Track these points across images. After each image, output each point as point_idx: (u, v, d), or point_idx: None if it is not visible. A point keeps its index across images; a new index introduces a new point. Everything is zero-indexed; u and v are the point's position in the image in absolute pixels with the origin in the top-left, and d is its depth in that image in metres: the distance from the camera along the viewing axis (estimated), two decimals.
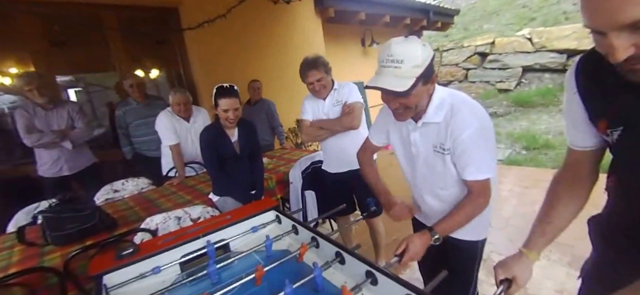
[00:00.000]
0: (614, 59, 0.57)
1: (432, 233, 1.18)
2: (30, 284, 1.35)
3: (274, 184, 2.53)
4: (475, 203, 1.18)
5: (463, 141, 1.13)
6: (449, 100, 1.17)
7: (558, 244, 2.52)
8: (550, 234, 0.93)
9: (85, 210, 1.69)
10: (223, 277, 1.14)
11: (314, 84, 2.08)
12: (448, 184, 1.27)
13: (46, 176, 2.80)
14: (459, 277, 1.37)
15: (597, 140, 0.84)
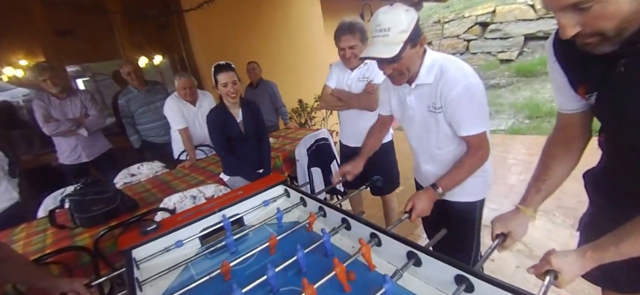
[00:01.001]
0: (564, 35, 0.63)
1: (435, 188, 1.26)
2: (66, 263, 1.45)
3: (281, 163, 2.60)
4: (475, 156, 1.25)
5: (453, 99, 1.19)
6: (439, 62, 1.23)
7: (561, 207, 2.63)
8: (545, 192, 0.99)
9: (107, 193, 1.78)
10: (240, 248, 1.23)
11: (345, 50, 1.91)
12: (442, 143, 1.33)
13: (66, 163, 2.91)
14: (461, 239, 1.46)
15: (582, 103, 0.89)
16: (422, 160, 1.46)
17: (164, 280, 1.08)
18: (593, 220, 1.07)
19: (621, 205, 0.89)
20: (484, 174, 1.40)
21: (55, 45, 3.53)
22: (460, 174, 1.26)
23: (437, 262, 0.88)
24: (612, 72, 0.71)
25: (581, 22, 0.61)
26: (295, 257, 0.97)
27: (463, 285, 0.82)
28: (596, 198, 1.05)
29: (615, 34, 0.61)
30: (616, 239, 0.75)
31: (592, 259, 0.77)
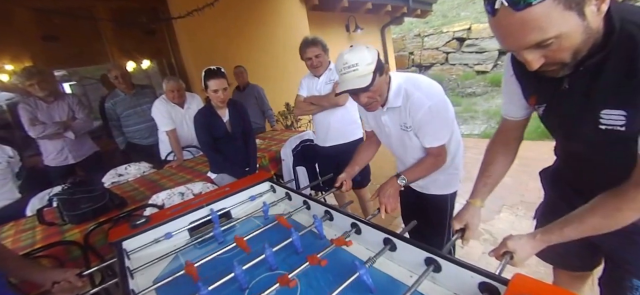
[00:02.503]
0: (531, 68, 0.70)
1: (398, 176, 1.36)
2: (57, 257, 1.44)
3: (268, 162, 2.63)
4: (434, 160, 1.37)
5: (419, 120, 1.30)
6: (404, 87, 1.32)
7: (524, 202, 2.79)
8: (490, 185, 1.09)
9: (96, 192, 1.77)
10: (227, 239, 1.26)
11: (312, 59, 2.18)
12: (416, 154, 1.44)
13: (52, 165, 2.84)
14: (434, 226, 1.57)
15: (527, 112, 1.02)
16: (403, 163, 1.55)
17: (154, 269, 1.10)
18: (547, 210, 1.18)
19: (569, 199, 1.00)
20: (455, 171, 1.52)
21: (43, 51, 3.45)
22: (420, 170, 1.39)
23: (410, 247, 0.94)
24: (558, 89, 0.80)
25: (544, 55, 0.68)
26: (290, 239, 1.02)
27: (432, 266, 0.89)
28: (550, 192, 1.18)
29: (571, 60, 0.69)
30: (561, 225, 0.85)
31: (541, 240, 0.87)
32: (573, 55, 0.68)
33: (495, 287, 0.77)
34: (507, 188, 3.03)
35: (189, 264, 0.99)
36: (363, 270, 0.86)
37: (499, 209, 2.75)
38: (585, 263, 1.17)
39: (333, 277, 0.96)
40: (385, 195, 1.30)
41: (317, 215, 1.15)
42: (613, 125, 0.71)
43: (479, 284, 0.80)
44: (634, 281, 0.92)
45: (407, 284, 0.88)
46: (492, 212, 2.70)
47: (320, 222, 1.13)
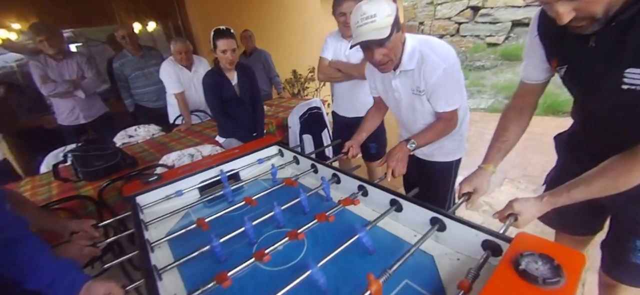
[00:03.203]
0: (560, 22, 0.68)
1: (408, 141, 1.33)
2: (73, 210, 1.50)
3: (274, 128, 2.64)
4: (445, 125, 1.34)
5: (433, 83, 1.26)
6: (419, 48, 1.27)
7: (526, 175, 2.79)
8: (504, 151, 1.08)
9: (108, 150, 1.80)
10: (236, 199, 1.29)
11: (346, 16, 1.79)
12: (427, 119, 1.41)
13: (65, 125, 2.89)
14: (436, 194, 1.57)
15: (547, 76, 1.00)
16: (411, 130, 1.51)
17: (166, 223, 1.14)
18: (558, 175, 1.18)
19: (584, 163, 0.99)
20: (460, 138, 1.51)
21: (50, 10, 3.39)
22: (431, 135, 1.36)
23: (416, 207, 0.96)
24: (583, 47, 0.78)
25: (575, 8, 0.66)
26: (298, 198, 1.04)
27: (436, 225, 0.91)
28: (564, 156, 1.17)
29: (603, 15, 0.66)
30: (569, 187, 0.85)
31: (548, 203, 0.88)
32: (606, 9, 0.65)
33: (498, 245, 0.79)
34: (510, 161, 3.01)
35: (200, 218, 1.02)
36: (362, 232, 0.88)
37: (501, 182, 2.75)
38: (588, 226, 1.18)
39: (339, 235, 0.98)
40: (394, 159, 1.29)
41: (325, 177, 1.17)
42: (636, 85, 0.70)
43: (483, 241, 0.82)
44: (638, 242, 0.94)
45: (411, 242, 0.91)
46: (494, 184, 2.70)
47: (327, 184, 1.14)
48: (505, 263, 0.67)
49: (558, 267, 0.64)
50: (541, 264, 0.65)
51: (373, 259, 0.89)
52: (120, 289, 0.79)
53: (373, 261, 0.88)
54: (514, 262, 0.66)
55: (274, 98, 3.81)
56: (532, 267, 0.65)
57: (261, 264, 0.89)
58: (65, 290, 0.78)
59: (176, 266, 0.88)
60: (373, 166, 2.38)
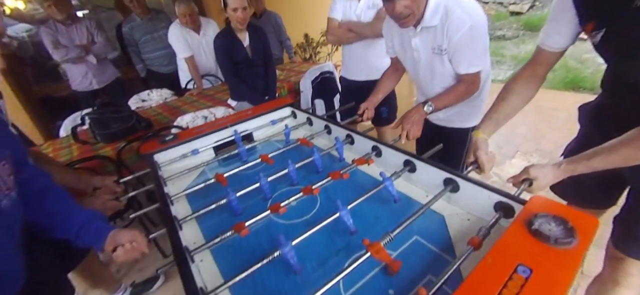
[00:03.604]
0: None
1: (426, 103, 1.30)
2: (93, 170, 1.56)
3: (286, 93, 2.63)
4: (467, 88, 1.29)
5: (457, 41, 1.19)
6: (443, 3, 1.19)
7: (539, 150, 2.75)
8: (495, 121, 1.04)
9: (123, 112, 1.85)
10: (250, 159, 1.32)
11: None
12: (446, 81, 1.35)
13: (79, 90, 2.94)
14: (449, 161, 1.54)
15: (569, 43, 0.94)
16: (428, 93, 1.47)
17: (183, 180, 1.18)
18: (578, 146, 1.15)
19: (607, 136, 0.95)
20: (480, 103, 1.46)
21: None
22: (450, 98, 1.31)
23: (430, 168, 0.97)
24: (625, 8, 0.73)
25: None
26: (311, 158, 1.05)
27: (450, 186, 0.92)
28: (586, 128, 1.12)
29: None
30: (589, 155, 0.83)
31: (565, 170, 0.86)
32: None
33: (510, 207, 0.80)
34: (523, 136, 2.93)
35: (219, 174, 1.06)
36: (389, 181, 0.90)
37: (513, 155, 2.69)
38: (604, 199, 1.16)
39: (352, 194, 1.00)
40: (410, 121, 1.27)
41: (339, 138, 1.18)
42: None
43: (495, 203, 0.83)
44: None
45: (422, 202, 0.92)
46: (505, 157, 2.65)
47: (341, 144, 1.15)
48: (518, 222, 0.68)
49: (572, 228, 0.64)
50: (554, 226, 0.66)
51: (388, 212, 0.91)
52: (143, 236, 0.84)
53: (388, 214, 0.90)
54: (527, 222, 0.67)
55: (286, 62, 3.75)
56: (545, 228, 0.65)
57: (276, 218, 0.93)
58: (92, 238, 0.84)
59: (195, 218, 0.93)
60: (384, 130, 2.34)
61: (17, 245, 0.76)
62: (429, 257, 0.76)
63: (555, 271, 0.57)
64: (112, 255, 0.83)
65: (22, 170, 0.81)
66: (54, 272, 1.02)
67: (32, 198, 0.83)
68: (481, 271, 0.58)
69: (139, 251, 0.83)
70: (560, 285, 0.54)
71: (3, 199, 0.69)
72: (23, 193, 0.78)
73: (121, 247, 0.82)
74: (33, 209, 0.82)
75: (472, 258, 0.66)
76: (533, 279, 0.55)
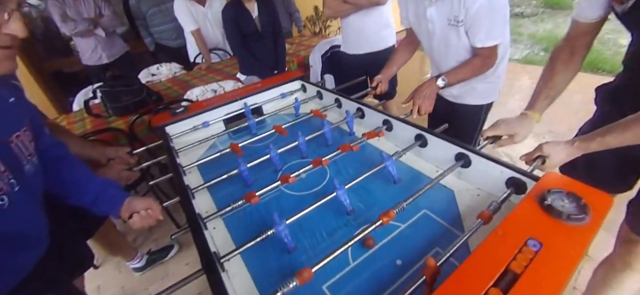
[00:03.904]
0: None
1: (438, 77, 1.26)
2: (107, 143, 1.60)
3: (296, 67, 2.60)
4: (481, 63, 1.24)
5: (475, 12, 1.14)
6: None
7: (552, 132, 2.69)
8: (551, 98, 1.02)
9: (134, 85, 1.86)
10: (259, 132, 1.33)
11: None
12: (461, 55, 1.31)
13: (90, 64, 2.98)
14: (462, 136, 1.51)
15: (603, 13, 0.89)
16: (441, 68, 1.44)
17: (195, 152, 1.20)
18: (593, 128, 1.11)
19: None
20: (497, 79, 1.41)
21: None
22: (464, 72, 1.27)
23: (442, 143, 0.96)
24: None
25: None
26: (322, 131, 1.06)
27: (461, 161, 0.91)
28: (604, 109, 1.08)
29: None
30: (604, 132, 0.80)
31: (579, 147, 0.84)
32: None
33: (523, 183, 0.79)
34: None
35: (233, 143, 1.07)
36: (389, 161, 0.90)
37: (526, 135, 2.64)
38: (619, 182, 1.13)
39: (361, 167, 1.01)
40: (421, 96, 1.25)
41: (350, 111, 1.17)
42: None
43: (507, 179, 0.82)
44: None
45: (432, 177, 0.92)
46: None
47: (351, 118, 1.15)
48: (530, 197, 0.68)
49: (585, 205, 0.63)
50: (568, 202, 0.65)
51: (393, 190, 0.91)
52: (157, 204, 0.87)
53: (392, 192, 0.91)
54: (539, 198, 0.67)
55: (295, 36, 3.69)
56: (558, 204, 0.65)
57: (286, 189, 0.95)
58: (108, 205, 0.87)
59: (206, 187, 0.95)
60: (388, 105, 2.31)
61: (42, 210, 0.79)
62: (437, 231, 0.77)
63: (566, 247, 0.57)
64: (128, 221, 0.86)
65: (40, 139, 0.83)
66: (74, 238, 1.07)
67: (49, 166, 0.85)
68: (491, 243, 0.58)
69: (154, 218, 0.86)
70: (569, 260, 0.54)
71: (26, 164, 0.71)
72: (41, 161, 0.80)
73: (137, 214, 0.86)
74: (50, 177, 0.85)
75: (480, 233, 0.66)
76: (543, 253, 0.55)
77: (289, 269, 0.72)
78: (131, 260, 1.78)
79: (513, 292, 0.49)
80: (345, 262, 0.70)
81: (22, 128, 0.73)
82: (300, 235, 0.79)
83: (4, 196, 0.63)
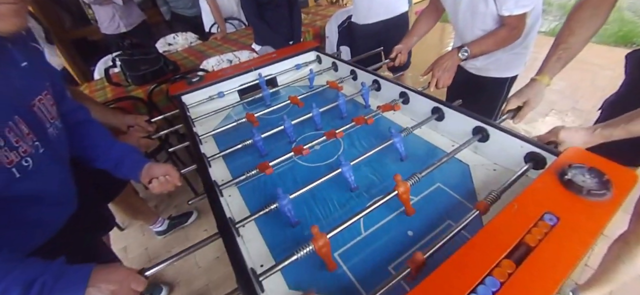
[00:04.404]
0: None
1: (461, 48, 1.21)
2: (126, 111, 1.65)
3: (311, 38, 2.55)
4: (507, 34, 1.17)
5: None
6: None
7: (576, 109, 2.56)
8: (564, 60, 0.94)
9: (151, 54, 1.88)
10: (273, 103, 1.33)
11: None
12: (488, 25, 1.24)
13: (108, 33, 3.01)
14: (483, 110, 1.46)
15: None
16: (466, 38, 1.37)
17: (210, 122, 1.22)
18: (619, 100, 1.05)
19: None
20: (524, 50, 1.33)
21: None
22: (489, 44, 1.20)
23: (460, 116, 0.93)
24: None
25: None
26: (336, 102, 1.05)
27: (478, 135, 0.89)
28: (632, 76, 1.01)
29: None
30: (627, 119, 0.74)
31: (600, 135, 0.78)
32: None
33: (543, 158, 0.76)
34: (560, 92, 2.72)
35: (249, 113, 1.09)
36: (397, 138, 0.89)
37: (546, 113, 2.51)
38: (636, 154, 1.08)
39: (375, 140, 1.00)
40: (441, 68, 1.20)
41: (365, 83, 1.14)
42: None
43: (526, 154, 0.80)
44: None
45: (447, 151, 0.91)
46: (537, 114, 2.48)
47: (367, 90, 1.13)
48: (550, 172, 0.66)
49: (607, 181, 0.61)
50: (589, 177, 0.63)
51: (406, 164, 0.91)
52: (176, 171, 0.90)
53: (406, 166, 0.90)
54: (559, 172, 0.65)
55: (311, 5, 3.59)
56: (579, 178, 0.63)
57: (300, 160, 0.96)
58: (129, 169, 0.90)
59: (222, 156, 0.97)
60: (401, 79, 2.23)
61: (68, 172, 0.83)
62: (450, 204, 0.77)
63: (584, 222, 0.55)
64: (149, 186, 0.89)
65: (62, 103, 0.85)
66: (97, 201, 1.12)
67: (73, 130, 0.88)
68: (505, 216, 0.58)
69: (172, 184, 0.90)
70: (586, 236, 0.53)
71: (49, 127, 0.74)
72: (64, 125, 0.83)
73: (156, 180, 0.89)
74: (75, 141, 0.88)
75: (495, 208, 0.65)
76: (559, 227, 0.55)
77: (302, 238, 0.74)
78: (153, 224, 1.88)
79: (526, 264, 0.49)
80: (357, 232, 0.72)
81: (43, 91, 0.74)
82: (313, 205, 0.81)
83: (28, 158, 0.65)
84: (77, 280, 0.61)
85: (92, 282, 0.61)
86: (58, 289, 0.59)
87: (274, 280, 0.64)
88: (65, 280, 0.60)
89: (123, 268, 0.67)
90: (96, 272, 0.63)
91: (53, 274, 0.59)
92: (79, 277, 0.61)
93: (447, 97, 1.64)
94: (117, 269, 0.65)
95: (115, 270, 0.65)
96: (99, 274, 0.63)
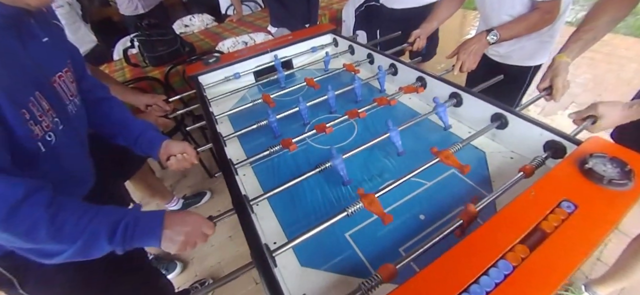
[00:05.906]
0: None
1: (490, 31, 1.17)
2: (144, 89, 1.69)
3: (327, 21, 2.52)
4: (539, 18, 1.12)
5: None
6: None
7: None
8: (583, 42, 0.92)
9: (169, 35, 1.91)
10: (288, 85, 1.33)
11: None
12: (516, 9, 1.19)
13: (127, 14, 3.06)
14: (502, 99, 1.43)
15: None
16: (492, 22, 1.32)
17: (226, 102, 1.25)
18: None
19: None
20: (550, 38, 1.27)
21: None
22: (519, 28, 1.15)
23: (478, 102, 0.92)
24: None
25: None
26: (352, 86, 1.05)
27: (497, 122, 0.87)
28: None
29: None
30: None
31: (637, 111, 0.76)
32: None
33: (563, 147, 0.75)
34: (583, 85, 2.60)
35: (265, 94, 1.10)
36: (394, 132, 0.87)
37: (567, 106, 2.39)
38: None
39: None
40: (467, 51, 1.16)
41: (382, 66, 1.13)
42: None
43: (546, 142, 0.78)
44: None
45: (463, 137, 0.90)
46: (558, 107, 2.37)
47: (383, 74, 1.12)
48: (569, 160, 0.65)
49: (630, 171, 0.60)
50: (610, 167, 0.62)
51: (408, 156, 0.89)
52: (192, 148, 0.93)
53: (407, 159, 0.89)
54: (579, 161, 0.63)
55: None
56: (600, 168, 0.61)
57: (313, 142, 0.97)
58: (148, 146, 0.93)
59: (237, 136, 0.99)
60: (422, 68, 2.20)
61: (85, 150, 0.85)
62: (464, 190, 0.76)
63: (602, 211, 0.55)
64: (167, 163, 0.92)
65: (83, 80, 0.88)
66: (114, 179, 1.16)
67: (94, 107, 0.90)
68: (522, 201, 0.57)
69: (189, 162, 0.92)
70: (603, 225, 0.53)
71: (69, 105, 0.75)
72: (84, 102, 0.84)
73: (173, 157, 0.91)
74: (96, 117, 0.90)
75: (509, 194, 0.65)
76: (576, 215, 0.54)
77: (313, 217, 0.76)
78: (169, 203, 1.94)
79: (540, 250, 0.49)
80: (368, 213, 0.72)
81: (64, 68, 0.75)
82: (326, 187, 0.82)
83: (51, 133, 0.66)
84: (153, 223, 0.66)
85: (167, 224, 0.66)
86: (139, 231, 0.64)
87: (287, 257, 0.66)
88: (143, 224, 0.65)
89: (194, 213, 0.71)
90: (169, 216, 0.67)
91: (134, 217, 0.64)
92: (155, 220, 0.66)
93: (467, 83, 1.60)
94: (189, 214, 0.70)
95: (188, 215, 0.70)
96: (172, 218, 0.67)
